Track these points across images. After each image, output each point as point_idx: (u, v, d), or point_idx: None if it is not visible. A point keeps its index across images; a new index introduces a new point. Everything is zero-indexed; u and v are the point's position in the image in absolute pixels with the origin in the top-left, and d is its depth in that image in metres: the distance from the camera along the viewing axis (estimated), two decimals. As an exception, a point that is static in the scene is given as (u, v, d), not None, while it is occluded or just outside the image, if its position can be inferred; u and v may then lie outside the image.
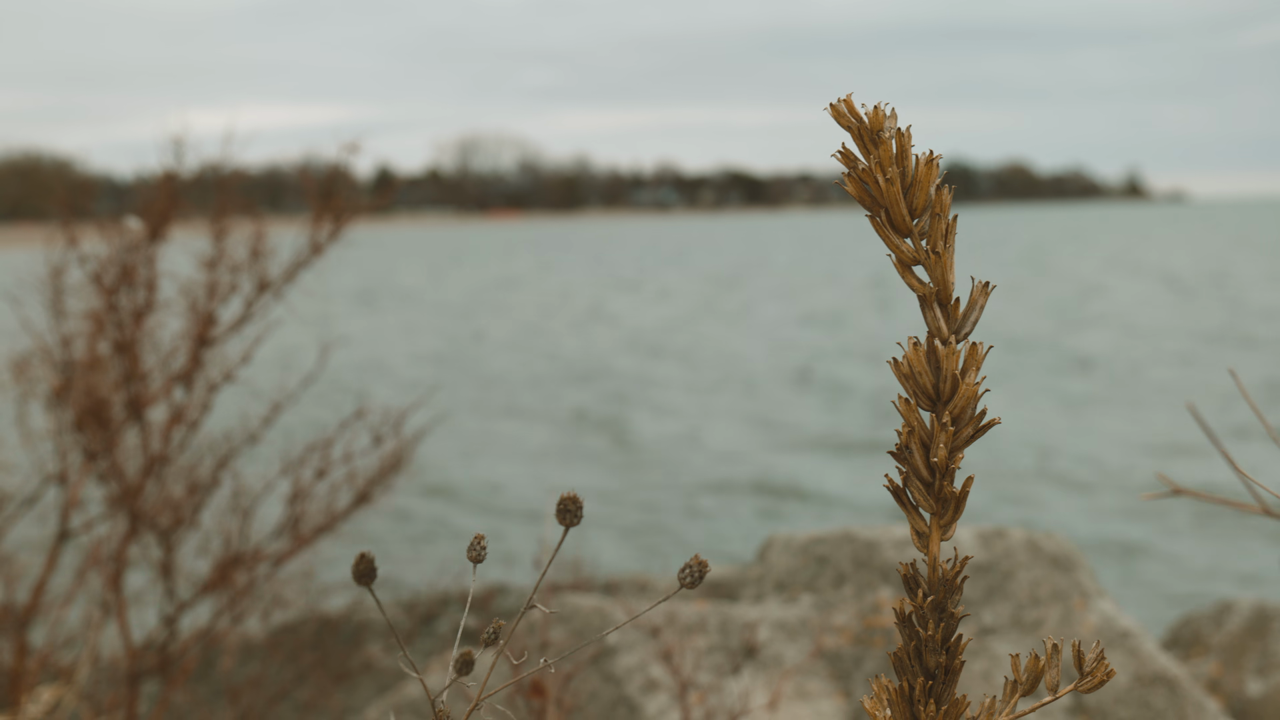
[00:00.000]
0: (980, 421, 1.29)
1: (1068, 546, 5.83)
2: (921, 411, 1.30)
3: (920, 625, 1.32)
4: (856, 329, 38.32)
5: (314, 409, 10.34)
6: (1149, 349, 31.71)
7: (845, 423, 22.66)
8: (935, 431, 1.28)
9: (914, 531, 1.32)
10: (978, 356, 1.28)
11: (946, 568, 1.31)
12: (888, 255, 1.30)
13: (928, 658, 1.32)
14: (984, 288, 1.29)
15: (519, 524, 15.88)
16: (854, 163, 1.28)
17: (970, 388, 1.27)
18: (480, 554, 1.29)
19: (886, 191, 1.27)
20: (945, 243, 1.27)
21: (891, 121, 1.27)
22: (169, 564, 4.59)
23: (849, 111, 1.28)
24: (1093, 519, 16.01)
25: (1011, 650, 5.32)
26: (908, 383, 1.30)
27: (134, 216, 4.31)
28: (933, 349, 1.28)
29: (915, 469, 1.30)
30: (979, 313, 1.30)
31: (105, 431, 4.31)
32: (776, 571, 5.73)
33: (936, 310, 1.28)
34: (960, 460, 1.28)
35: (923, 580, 1.32)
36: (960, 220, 1.31)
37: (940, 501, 1.30)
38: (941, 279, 1.27)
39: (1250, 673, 6.49)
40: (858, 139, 1.28)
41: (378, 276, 61.92)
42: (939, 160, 1.27)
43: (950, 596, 1.31)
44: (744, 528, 15.71)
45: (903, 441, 1.29)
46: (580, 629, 5.00)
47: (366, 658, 5.76)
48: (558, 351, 34.08)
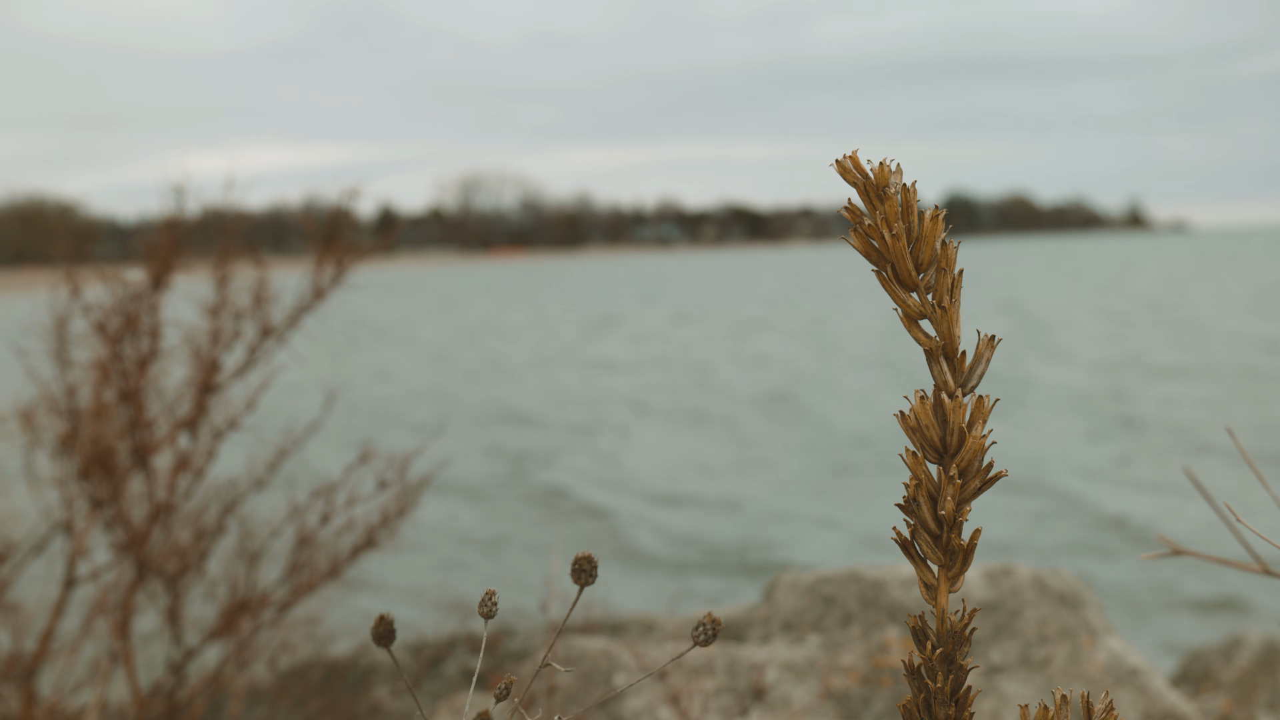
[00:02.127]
0: (988, 474, 1.29)
1: (1075, 584, 5.82)
2: (929, 464, 1.30)
3: (929, 677, 1.32)
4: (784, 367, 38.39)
5: (314, 447, 10.33)
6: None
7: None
8: (943, 484, 1.28)
9: (922, 584, 1.32)
10: (984, 409, 1.29)
11: (955, 619, 1.31)
12: (894, 310, 1.31)
13: (937, 710, 1.32)
14: (990, 341, 1.30)
15: (481, 557, 15.92)
16: (860, 218, 1.29)
17: (977, 440, 1.28)
18: (492, 610, 1.30)
19: (892, 247, 1.28)
20: (951, 297, 1.28)
21: (897, 177, 1.28)
22: (176, 610, 4.58)
23: (854, 167, 1.29)
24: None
25: (1019, 688, 5.30)
26: (914, 435, 1.30)
27: (136, 268, 4.33)
28: (939, 402, 1.28)
29: (923, 521, 1.30)
30: (985, 366, 1.30)
31: (111, 479, 4.31)
32: (783, 611, 5.71)
33: (943, 364, 1.28)
34: (968, 513, 1.28)
35: (931, 633, 1.32)
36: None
37: (948, 554, 1.30)
38: (948, 333, 1.28)
39: (1261, 708, 6.47)
40: (863, 194, 1.29)
41: (363, 315, 62.33)
42: (943, 215, 1.28)
43: (959, 649, 1.31)
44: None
45: (910, 494, 1.30)
46: (588, 672, 4.99)
47: (374, 702, 5.74)
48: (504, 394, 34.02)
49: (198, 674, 5.06)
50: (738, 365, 39.09)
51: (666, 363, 40.27)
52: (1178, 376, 32.06)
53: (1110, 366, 34.63)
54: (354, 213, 4.66)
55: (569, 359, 42.22)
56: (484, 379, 37.27)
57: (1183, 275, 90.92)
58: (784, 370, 37.41)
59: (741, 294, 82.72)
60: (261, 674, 5.40)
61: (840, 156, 1.30)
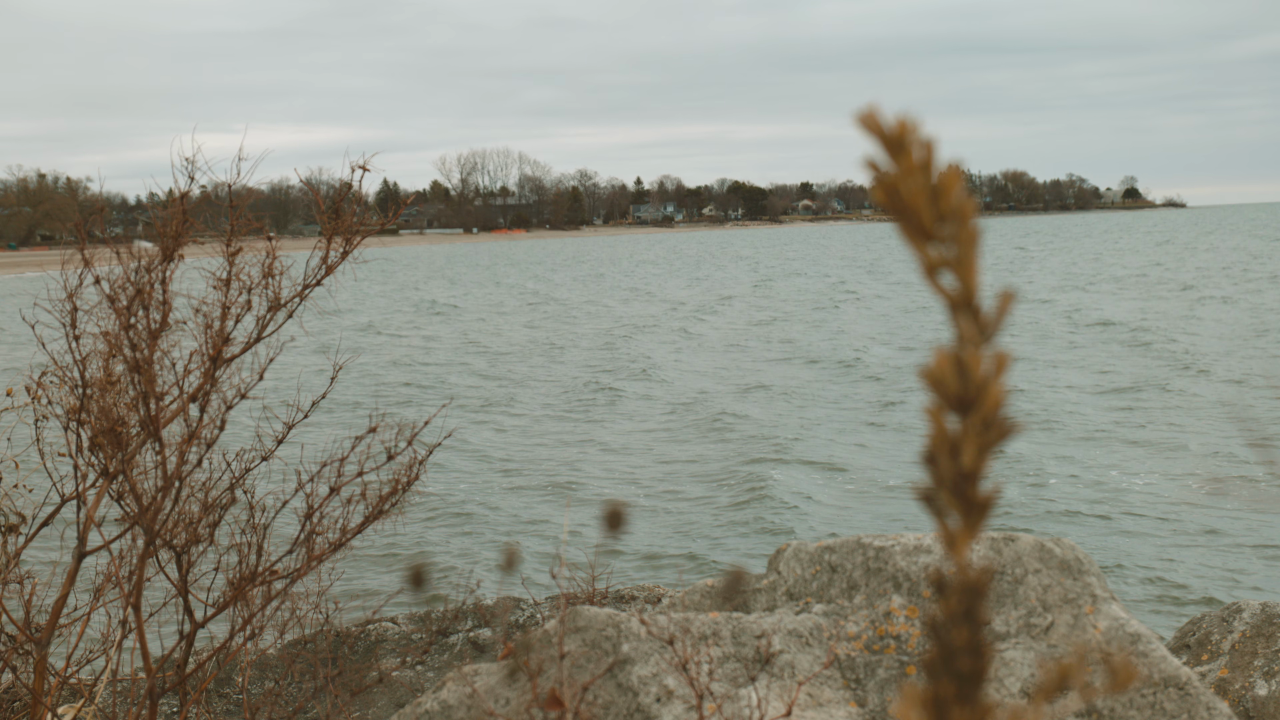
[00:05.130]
0: (1008, 427, 1.30)
1: (1077, 552, 5.84)
2: (949, 417, 1.31)
3: (950, 630, 1.34)
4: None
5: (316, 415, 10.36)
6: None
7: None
8: (965, 437, 1.29)
9: (944, 537, 1.34)
10: (1004, 361, 1.30)
11: (972, 573, 1.33)
12: (914, 263, 1.32)
13: (959, 661, 1.34)
14: (1008, 296, 1.31)
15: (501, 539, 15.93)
16: (880, 170, 1.30)
17: (999, 392, 1.29)
18: (513, 563, 1.31)
19: (912, 199, 1.29)
20: (972, 248, 1.29)
21: (918, 130, 1.29)
22: (185, 582, 4.60)
23: (874, 120, 1.30)
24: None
25: (1022, 654, 5.33)
26: (936, 388, 1.31)
27: (146, 240, 4.34)
28: (961, 354, 1.29)
29: (943, 475, 1.32)
30: (1004, 319, 1.31)
31: (122, 450, 4.32)
32: (788, 580, 5.74)
33: (965, 315, 1.29)
34: (989, 466, 1.30)
35: (953, 585, 1.34)
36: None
37: (969, 506, 1.32)
38: (969, 285, 1.29)
39: (1259, 674, 6.50)
40: (884, 147, 1.30)
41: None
42: (969, 178, 1.29)
43: (979, 601, 1.33)
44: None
45: (931, 448, 1.31)
46: (595, 640, 5.01)
47: (382, 671, 5.77)
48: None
49: (207, 645, 5.09)
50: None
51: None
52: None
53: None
54: (361, 188, 4.68)
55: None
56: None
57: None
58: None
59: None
60: (270, 644, 5.43)
61: (860, 109, 1.31)
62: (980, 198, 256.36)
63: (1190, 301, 50.42)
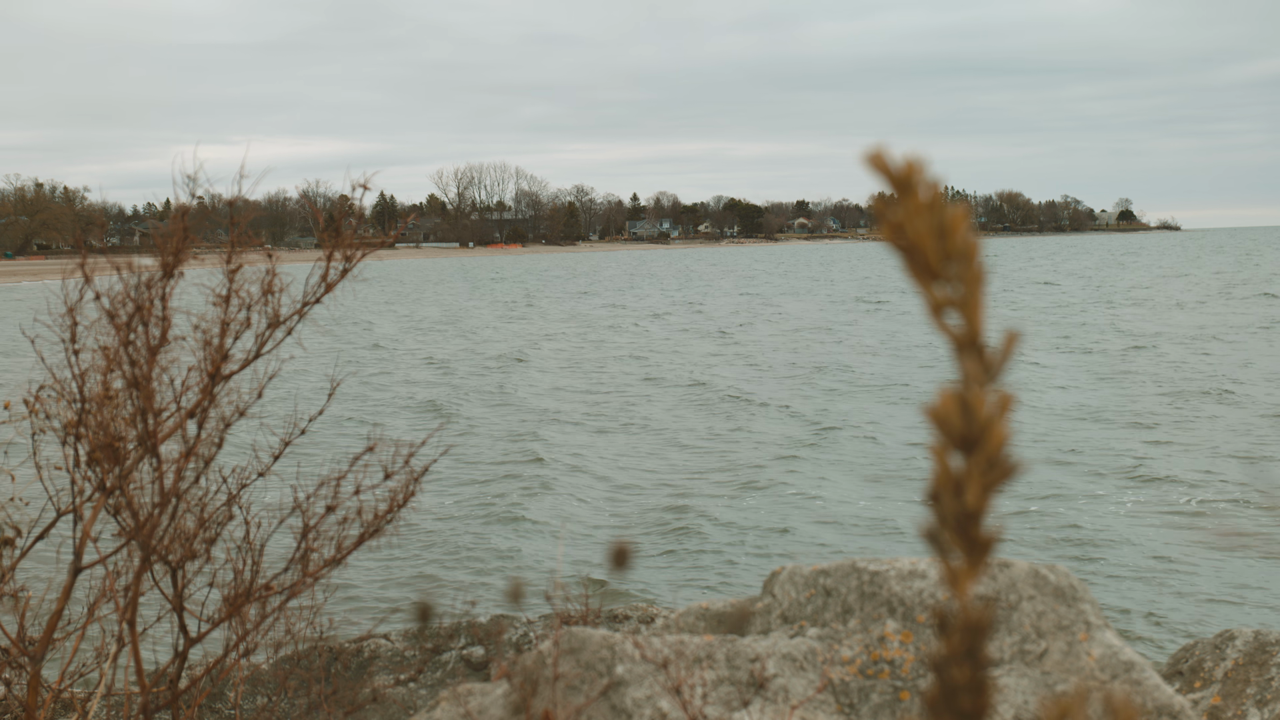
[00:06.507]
0: (1011, 466, 1.31)
1: (1071, 578, 5.84)
2: (952, 457, 1.32)
3: (952, 668, 1.34)
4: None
5: (319, 432, 10.34)
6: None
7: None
8: (969, 476, 1.30)
9: (947, 575, 1.34)
10: (1008, 401, 1.31)
11: (975, 611, 1.34)
12: (919, 300, 1.33)
13: (961, 700, 1.34)
14: (1014, 336, 1.32)
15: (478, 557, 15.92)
16: (886, 208, 1.31)
17: (1002, 432, 1.30)
18: (519, 595, 1.32)
19: (919, 238, 1.29)
20: (977, 288, 1.30)
21: (924, 168, 1.30)
22: (180, 597, 4.60)
23: (882, 159, 1.31)
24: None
25: (1016, 681, 5.33)
26: (940, 427, 1.32)
27: (146, 256, 4.34)
28: (965, 394, 1.30)
29: (947, 514, 1.32)
30: (1008, 360, 1.32)
31: (119, 466, 4.32)
32: (783, 603, 5.74)
33: (970, 355, 1.30)
34: (991, 505, 1.30)
35: (954, 623, 1.34)
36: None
37: (972, 545, 1.32)
38: (974, 324, 1.30)
39: (1251, 702, 6.50)
40: (890, 185, 1.31)
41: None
42: (970, 205, 1.30)
43: (981, 640, 1.33)
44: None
45: (935, 486, 1.32)
46: (589, 661, 5.01)
47: (375, 689, 5.76)
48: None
49: (201, 660, 5.09)
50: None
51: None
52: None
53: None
54: (361, 205, 4.68)
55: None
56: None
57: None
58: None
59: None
60: (264, 661, 5.42)
61: (867, 148, 1.32)
62: (975, 218, 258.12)
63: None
